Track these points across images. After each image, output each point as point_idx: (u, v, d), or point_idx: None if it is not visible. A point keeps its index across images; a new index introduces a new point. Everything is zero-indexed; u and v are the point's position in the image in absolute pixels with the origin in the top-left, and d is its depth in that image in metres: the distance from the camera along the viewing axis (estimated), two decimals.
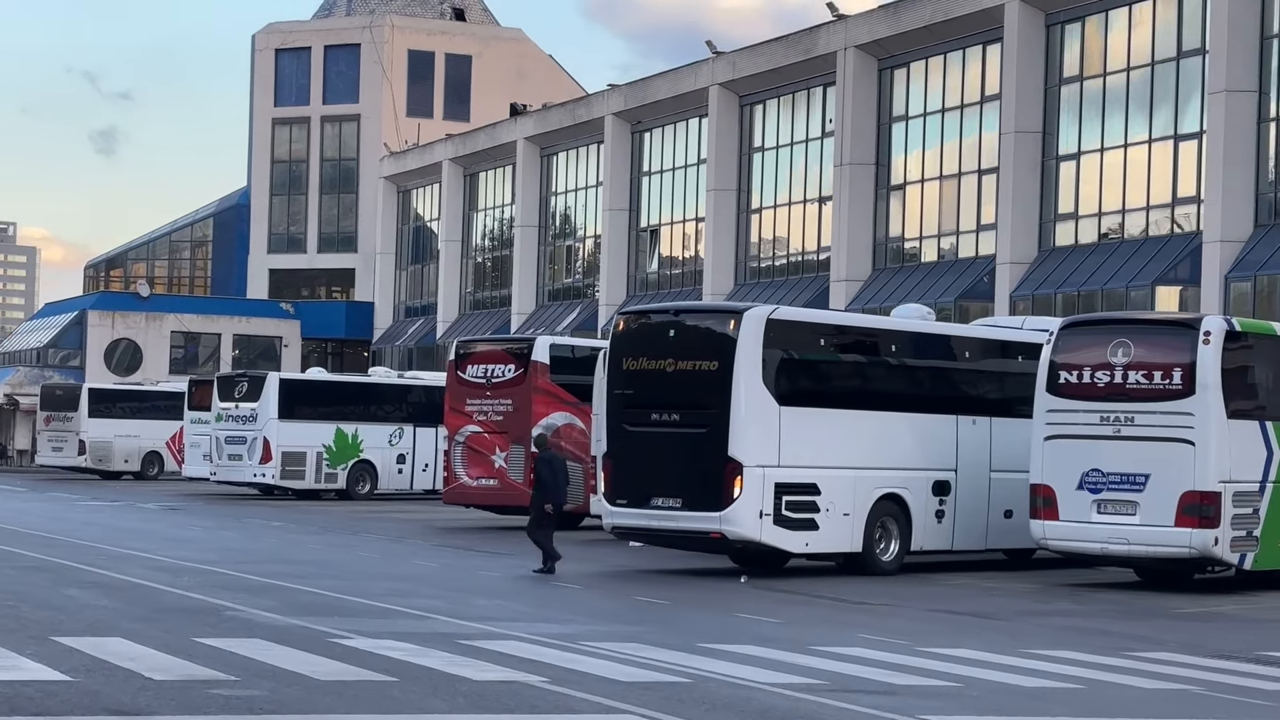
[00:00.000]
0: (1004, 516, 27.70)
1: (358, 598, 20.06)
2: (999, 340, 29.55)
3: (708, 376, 24.70)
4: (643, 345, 25.76)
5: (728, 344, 24.62)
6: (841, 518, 25.40)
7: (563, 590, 22.45)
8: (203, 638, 15.30)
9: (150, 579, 21.85)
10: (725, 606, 20.88)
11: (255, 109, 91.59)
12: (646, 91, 65.83)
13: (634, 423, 25.41)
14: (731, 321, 24.92)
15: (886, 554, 26.17)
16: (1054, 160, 48.36)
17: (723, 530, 24.39)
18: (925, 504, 26.70)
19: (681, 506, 24.71)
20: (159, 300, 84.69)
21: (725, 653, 15.49)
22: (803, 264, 58.48)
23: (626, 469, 25.47)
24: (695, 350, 25.09)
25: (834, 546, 25.62)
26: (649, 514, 25.05)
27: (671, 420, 25.01)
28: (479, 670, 13.62)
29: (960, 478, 27.27)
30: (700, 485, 24.54)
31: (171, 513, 41.45)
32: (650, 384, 25.35)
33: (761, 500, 24.37)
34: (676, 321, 25.85)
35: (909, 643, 16.97)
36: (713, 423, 24.43)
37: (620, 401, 25.78)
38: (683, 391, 25.01)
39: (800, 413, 24.98)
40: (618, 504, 25.47)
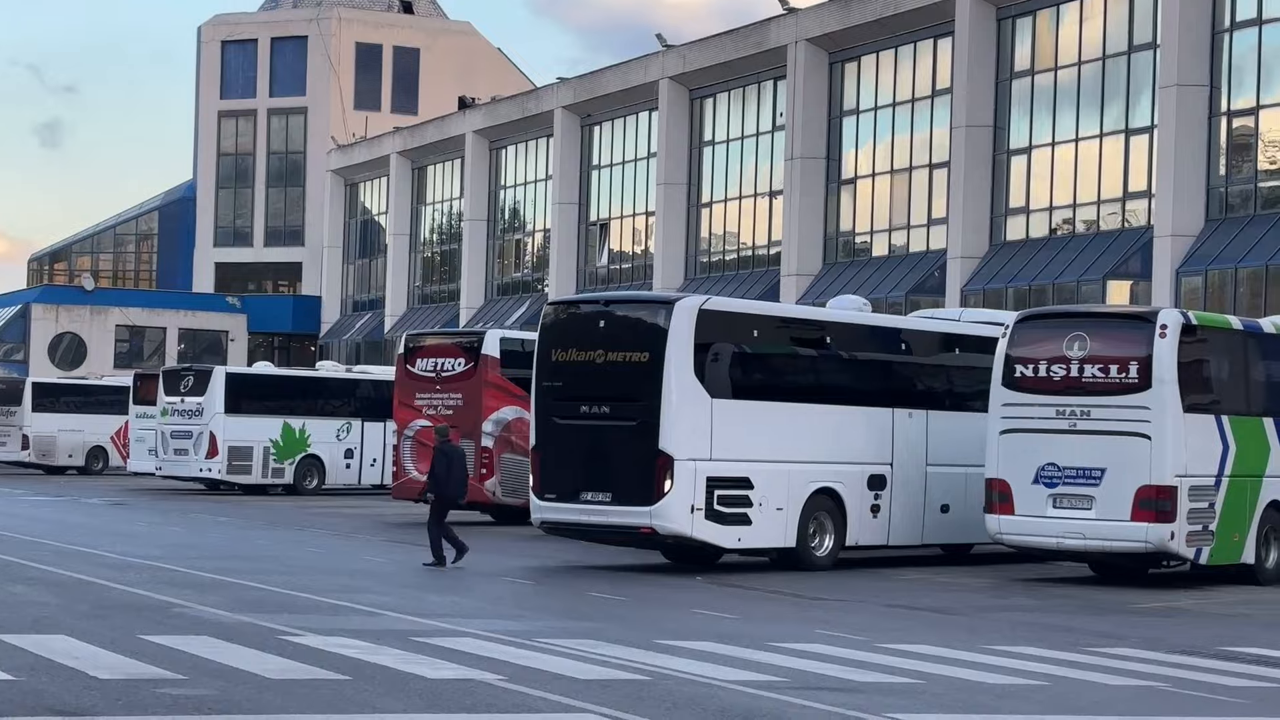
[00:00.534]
0: (940, 511, 27.48)
1: (308, 594, 19.74)
2: (936, 332, 29.16)
3: (638, 368, 24.29)
4: (572, 336, 25.29)
5: (658, 335, 24.21)
6: (775, 512, 25.05)
7: (516, 586, 22.17)
8: (150, 635, 14.96)
9: (96, 575, 21.46)
10: (682, 603, 20.63)
11: (201, 101, 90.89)
12: (596, 85, 65.54)
13: (563, 415, 24.99)
14: (662, 312, 24.51)
15: (821, 549, 25.80)
16: (1005, 155, 48.30)
17: (653, 525, 24.01)
18: (860, 498, 26.36)
19: (611, 501, 24.30)
20: (104, 294, 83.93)
21: (684, 649, 15.24)
22: (754, 258, 58.30)
23: (555, 463, 25.02)
24: (625, 341, 24.70)
25: (767, 542, 25.27)
26: (578, 509, 24.62)
27: (601, 413, 24.62)
28: (433, 668, 13.33)
29: (896, 472, 26.97)
30: (630, 479, 24.14)
31: (117, 508, 40.94)
32: (580, 376, 24.89)
33: (693, 494, 24.01)
34: (606, 312, 25.49)
35: (868, 638, 16.76)
36: (643, 415, 24.06)
37: (549, 394, 25.32)
38: (613, 384, 24.59)
39: (733, 405, 24.65)
40: (546, 498, 25.03)
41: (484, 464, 35.25)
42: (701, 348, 24.27)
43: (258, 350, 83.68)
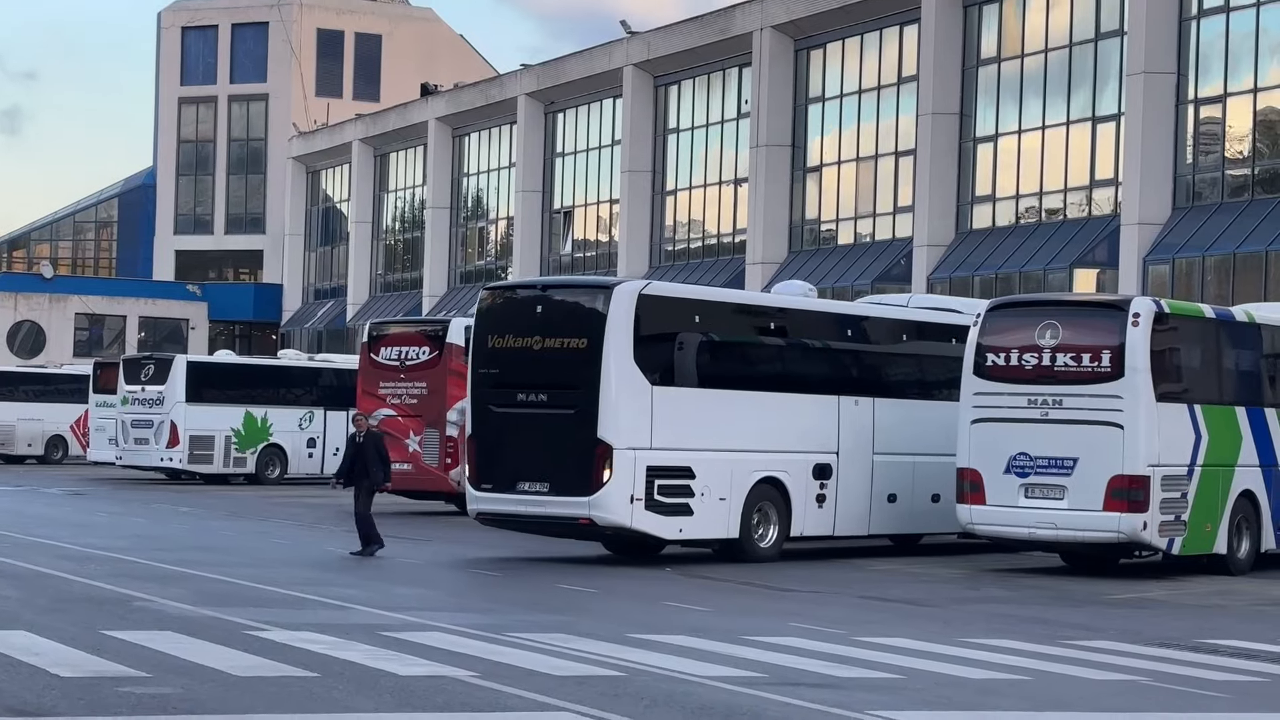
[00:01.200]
0: (887, 501, 26.96)
1: (272, 586, 19.41)
2: (883, 319, 28.49)
3: (576, 355, 23.69)
4: (509, 322, 24.60)
5: (597, 320, 23.60)
6: (717, 502, 24.44)
7: (483, 578, 21.88)
8: (112, 630, 14.62)
9: (56, 567, 21.09)
10: (652, 595, 20.37)
11: (161, 88, 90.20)
12: (560, 72, 65.19)
13: (500, 403, 24.32)
14: (601, 297, 23.86)
15: (765, 540, 25.21)
16: (971, 142, 48.16)
17: (591, 516, 23.43)
18: (805, 488, 25.75)
19: (549, 491, 23.68)
20: (63, 281, 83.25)
21: (657, 644, 14.97)
22: (719, 246, 58.04)
23: (492, 452, 24.32)
24: (563, 327, 24.08)
25: (709, 533, 24.68)
26: (515, 499, 23.98)
27: (539, 401, 23.99)
28: (404, 664, 13.03)
29: (842, 461, 26.34)
30: (568, 469, 23.55)
31: (77, 498, 40.50)
32: (516, 363, 24.26)
33: (632, 484, 23.42)
34: (544, 297, 24.87)
35: (844, 632, 16.52)
36: (581, 403, 23.47)
37: (485, 381, 24.64)
38: (550, 370, 23.98)
39: (674, 393, 24.12)
40: (483, 489, 24.33)
41: (449, 453, 34.94)
42: (641, 333, 23.68)
43: (218, 339, 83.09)
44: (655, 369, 23.93)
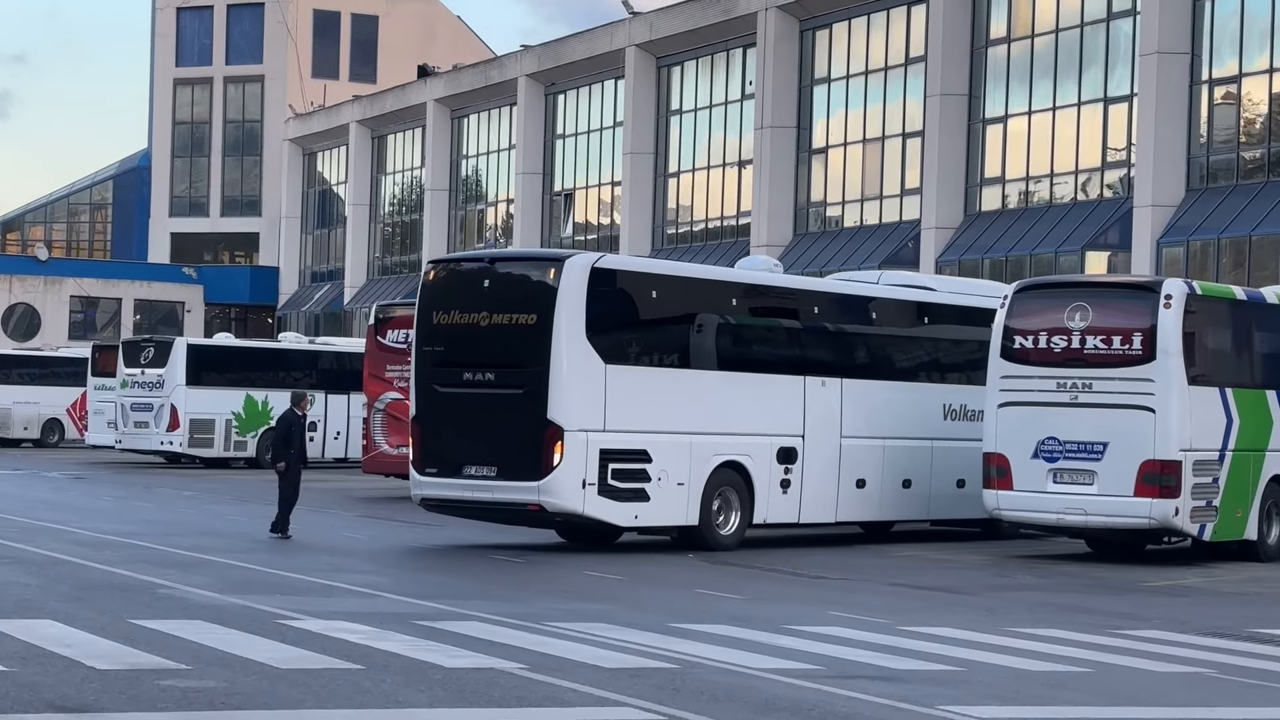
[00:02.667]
0: (856, 486, 25.76)
1: (294, 573, 18.96)
2: (851, 295, 27.19)
3: (525, 331, 22.53)
4: (454, 297, 23.45)
5: (547, 295, 22.42)
6: (675, 488, 23.30)
7: (507, 565, 21.41)
8: (140, 619, 14.17)
9: (71, 553, 20.62)
10: (681, 582, 19.96)
11: (156, 69, 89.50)
12: (561, 53, 64.63)
13: (445, 383, 23.18)
14: (551, 270, 22.69)
15: (726, 527, 24.07)
16: (980, 124, 47.66)
17: (541, 501, 22.30)
18: (769, 472, 24.54)
19: (497, 476, 22.52)
20: (58, 264, 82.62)
21: (701, 634, 14.54)
22: (722, 229, 57.54)
23: (437, 434, 23.19)
24: (512, 302, 22.90)
25: (667, 519, 23.58)
26: (461, 484, 22.81)
27: (486, 380, 22.83)
28: (449, 656, 12.59)
29: (808, 444, 25.08)
30: (517, 452, 22.39)
31: (79, 482, 40.03)
32: (462, 340, 23.09)
33: (584, 468, 22.30)
34: (491, 270, 23.81)
35: (888, 621, 16.09)
36: (531, 383, 22.32)
37: (430, 360, 23.48)
38: (498, 348, 22.83)
39: (629, 372, 23.00)
40: (427, 473, 23.19)
41: None
42: (595, 309, 22.49)
43: (214, 322, 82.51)
44: (609, 347, 22.76)
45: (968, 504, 26.66)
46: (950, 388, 27.56)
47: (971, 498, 26.47)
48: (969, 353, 27.70)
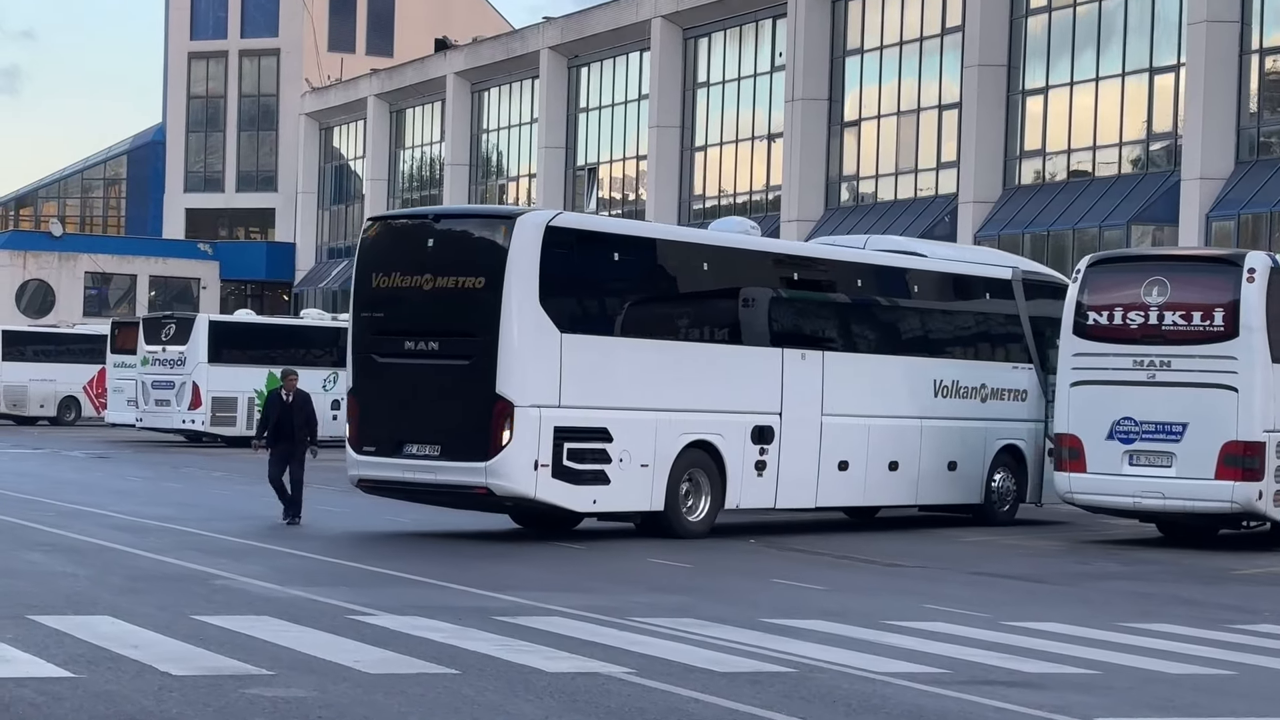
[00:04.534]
0: (838, 469, 23.81)
1: (349, 561, 18.05)
2: (835, 261, 25.18)
3: (472, 296, 20.58)
4: (395, 258, 21.45)
5: (497, 256, 20.40)
6: (639, 470, 21.36)
7: (567, 552, 20.46)
8: (203, 615, 13.24)
9: (113, 540, 19.72)
10: (753, 571, 19.04)
11: (170, 43, 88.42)
12: (584, 24, 63.59)
13: (384, 353, 21.28)
14: (501, 228, 20.67)
15: (695, 513, 22.17)
16: (1020, 95, 46.63)
17: (489, 484, 20.35)
18: (742, 453, 22.55)
19: (440, 455, 20.65)
20: (72, 240, 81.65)
21: (799, 630, 13.62)
22: (751, 204, 56.51)
23: (375, 409, 21.35)
24: (458, 264, 20.88)
25: (629, 504, 21.64)
26: (402, 464, 20.95)
27: (429, 350, 20.89)
28: (545, 658, 11.65)
29: (786, 422, 23.09)
30: (463, 429, 20.51)
31: (102, 461, 39.16)
32: (404, 305, 21.18)
33: (537, 448, 20.31)
34: (435, 228, 21.72)
35: (988, 615, 15.17)
36: (478, 353, 20.42)
37: (368, 327, 21.57)
38: (443, 315, 20.92)
39: (588, 342, 21.08)
40: (364, 451, 21.37)
41: None
42: (550, 272, 20.51)
43: (230, 298, 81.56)
44: (566, 313, 20.82)
45: (959, 487, 25.64)
46: (941, 361, 25.72)
47: (964, 480, 25.65)
48: (962, 324, 26.62)
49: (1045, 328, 26.63)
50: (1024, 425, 26.70)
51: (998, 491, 26.34)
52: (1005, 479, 26.44)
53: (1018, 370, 26.78)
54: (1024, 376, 26.82)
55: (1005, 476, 26.43)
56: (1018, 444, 26.55)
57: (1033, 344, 26.93)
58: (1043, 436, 26.41)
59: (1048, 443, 26.00)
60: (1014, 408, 26.63)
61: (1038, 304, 27.15)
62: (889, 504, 25.57)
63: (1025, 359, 26.90)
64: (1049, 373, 26.12)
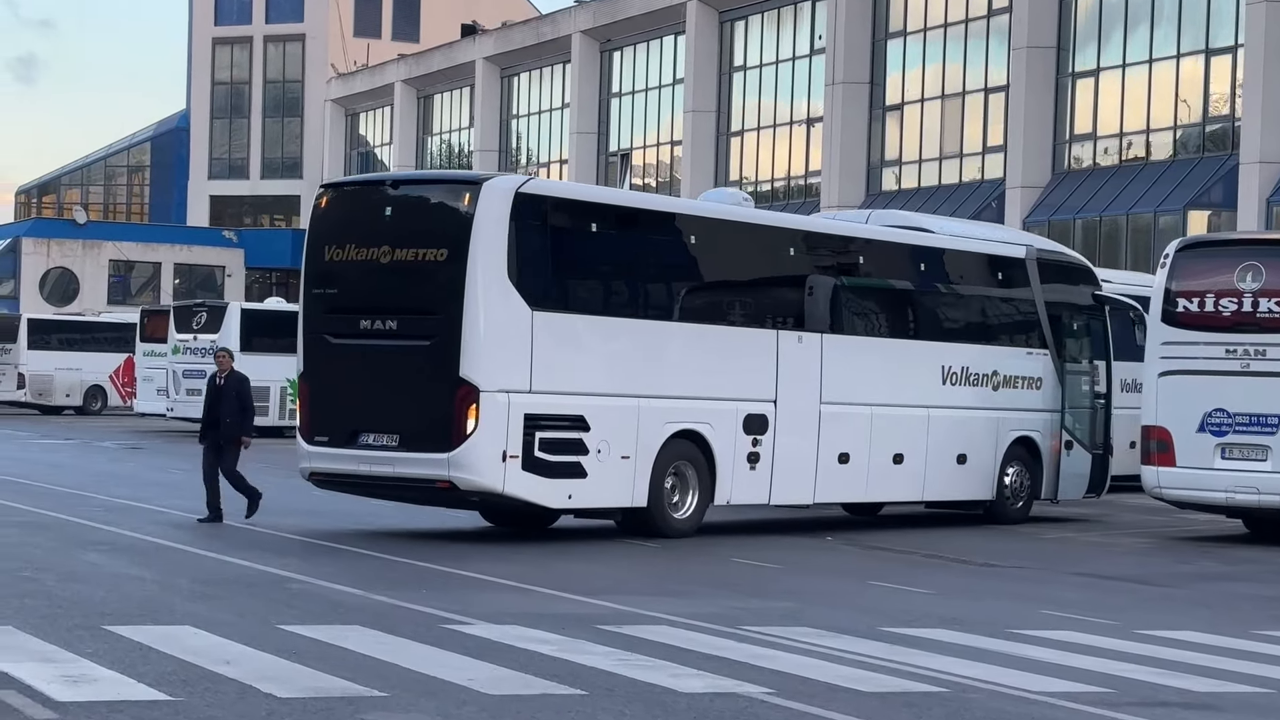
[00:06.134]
0: (838, 461, 21.96)
1: (430, 563, 17.07)
2: (834, 235, 23.21)
3: (434, 270, 18.82)
4: (349, 228, 19.57)
5: (461, 225, 18.58)
6: (619, 462, 19.55)
7: (643, 550, 19.50)
8: (290, 624, 12.35)
9: (170, 538, 18.85)
10: (845, 570, 18.15)
11: (194, 29, 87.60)
12: (617, 8, 62.64)
13: (338, 333, 19.48)
14: (466, 195, 18.82)
15: (682, 510, 20.35)
16: (1069, 77, 45.66)
17: (452, 477, 18.51)
18: (734, 444, 20.74)
19: (399, 446, 18.85)
20: (96, 227, 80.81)
21: (926, 641, 12.70)
22: (789, 189, 55.65)
23: (328, 395, 19.56)
24: (418, 234, 19.09)
25: (609, 499, 19.81)
26: (356, 455, 19.13)
27: (387, 330, 19.10)
28: (672, 675, 10.74)
29: (781, 411, 21.25)
30: (423, 417, 18.76)
31: (136, 453, 38.33)
32: (359, 281, 19.38)
33: (505, 438, 18.52)
34: (394, 195, 20.00)
35: (1114, 622, 14.25)
36: (440, 332, 18.66)
37: (320, 304, 19.77)
38: (402, 290, 19.14)
39: (562, 321, 19.28)
40: (316, 442, 19.56)
41: None
42: (520, 243, 18.74)
43: (255, 286, 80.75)
44: (537, 289, 19.01)
45: (969, 482, 23.82)
46: (950, 346, 23.77)
47: (974, 475, 23.80)
48: (973, 306, 24.54)
49: (1062, 311, 25.11)
50: (1039, 415, 24.69)
51: (1011, 487, 24.37)
52: (1019, 473, 24.46)
53: (1032, 356, 24.78)
54: (1039, 363, 24.79)
55: (1019, 471, 24.46)
56: (1032, 436, 24.56)
57: (1048, 328, 24.96)
58: (1059, 428, 24.80)
59: (1064, 434, 24.74)
60: (1028, 397, 24.62)
61: (1054, 286, 25.16)
62: (893, 499, 23.75)
63: (1040, 345, 24.89)
64: (1065, 360, 24.90)
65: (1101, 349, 25.59)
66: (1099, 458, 25.35)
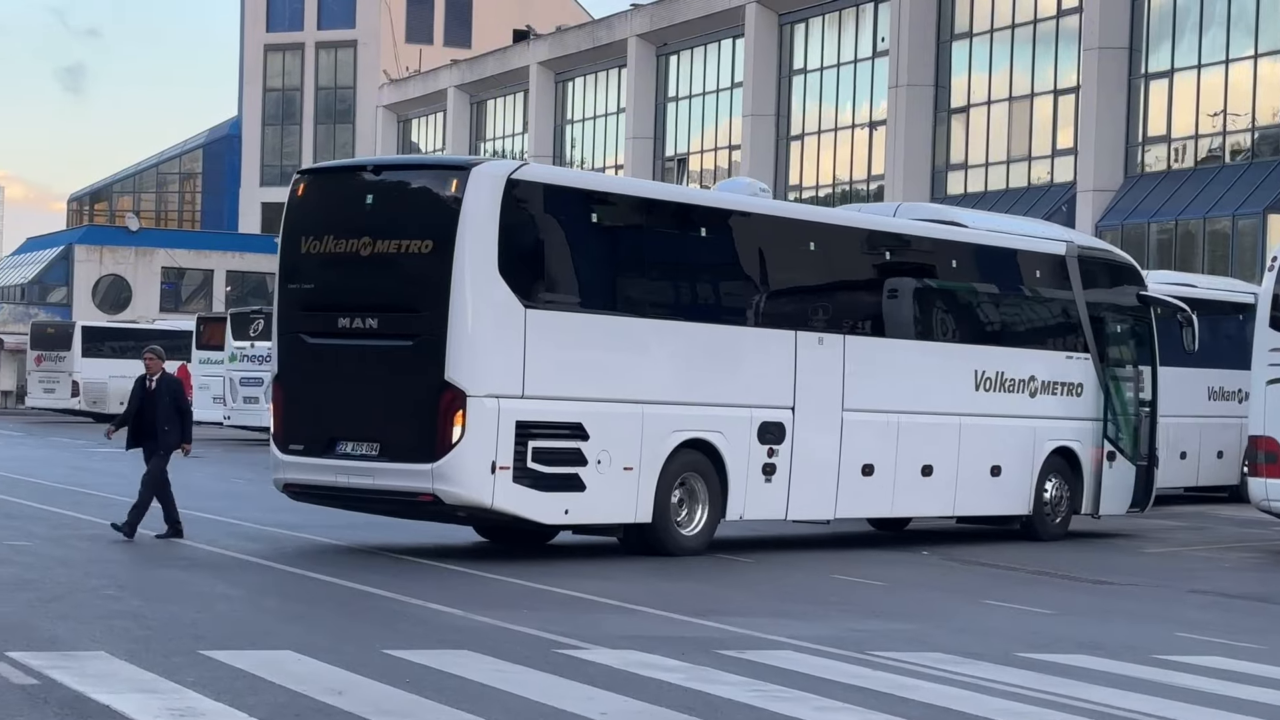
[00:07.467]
0: (862, 473, 20.46)
1: (518, 579, 16.34)
2: (858, 228, 21.71)
3: (418, 263, 17.40)
4: (327, 218, 18.13)
5: (447, 214, 17.16)
6: (621, 474, 18.08)
7: (735, 565, 18.75)
8: (394, 649, 11.62)
9: (249, 551, 18.14)
10: (953, 589, 17.37)
11: (246, 35, 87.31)
12: (674, 11, 61.86)
13: (315, 332, 18.08)
14: (453, 181, 17.36)
15: (690, 526, 18.86)
16: (1142, 79, 44.72)
17: (435, 490, 17.04)
18: (748, 455, 19.25)
19: (379, 455, 17.44)
20: (148, 234, 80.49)
21: (1071, 669, 11.93)
22: (851, 194, 54.76)
23: (304, 400, 18.11)
24: (401, 224, 17.64)
25: (610, 515, 18.30)
26: (333, 465, 17.71)
27: (367, 328, 17.69)
28: (816, 709, 9.99)
29: (799, 419, 19.74)
30: (405, 424, 17.37)
31: (195, 462, 37.58)
32: (337, 275, 18.02)
33: (494, 447, 17.07)
34: (375, 181, 18.46)
35: (1263, 647, 13.47)
36: (424, 331, 17.24)
37: (296, 301, 18.30)
38: (383, 286, 17.69)
39: (558, 319, 17.80)
40: (291, 450, 18.09)
41: None
42: (511, 234, 17.33)
43: None
44: (531, 284, 17.62)
45: (1004, 496, 22.32)
46: (983, 349, 22.23)
47: (1009, 488, 22.25)
48: (1008, 306, 23.01)
49: (1105, 313, 23.64)
50: (1079, 424, 23.14)
51: (1050, 501, 22.87)
52: (1058, 486, 22.91)
53: (1072, 361, 23.18)
54: (1079, 368, 23.23)
55: (1058, 484, 22.91)
56: (1072, 446, 23.01)
57: (1090, 331, 23.41)
58: (1101, 437, 23.27)
59: (1106, 444, 23.28)
60: (1068, 404, 23.02)
61: (1097, 285, 23.69)
62: (921, 514, 22.38)
63: (1081, 348, 23.32)
64: (1108, 364, 23.45)
65: (1147, 353, 24.05)
66: (1143, 469, 23.74)
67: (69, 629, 12.17)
